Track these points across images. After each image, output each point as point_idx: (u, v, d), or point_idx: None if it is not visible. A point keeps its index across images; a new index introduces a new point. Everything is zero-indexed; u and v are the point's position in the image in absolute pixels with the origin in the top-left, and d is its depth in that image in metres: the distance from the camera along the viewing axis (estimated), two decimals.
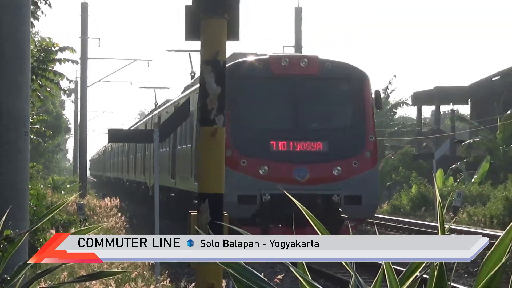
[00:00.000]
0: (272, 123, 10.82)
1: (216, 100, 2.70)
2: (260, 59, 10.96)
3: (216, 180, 2.79)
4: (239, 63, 10.79)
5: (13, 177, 3.33)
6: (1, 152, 3.27)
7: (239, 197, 9.47)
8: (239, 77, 10.30)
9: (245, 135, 10.33)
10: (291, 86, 10.57)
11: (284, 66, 10.46)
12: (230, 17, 2.70)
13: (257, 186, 9.84)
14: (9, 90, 3.06)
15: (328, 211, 9.79)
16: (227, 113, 10.99)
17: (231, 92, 9.65)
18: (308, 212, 1.46)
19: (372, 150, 10.66)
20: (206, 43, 2.71)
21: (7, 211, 2.61)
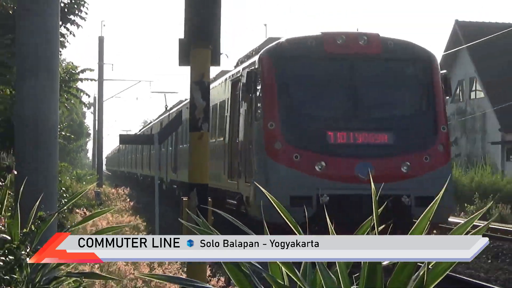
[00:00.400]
0: (328, 111, 9.05)
1: (202, 111, 3.45)
2: (311, 36, 9.24)
3: (202, 173, 3.52)
4: (287, 42, 9.26)
5: (45, 171, 4.17)
6: (37, 153, 4.13)
7: (291, 199, 7.93)
8: (287, 59, 9.00)
9: (298, 125, 8.70)
10: (348, 67, 9.03)
11: (340, 44, 8.89)
12: (213, 48, 3.46)
13: (313, 185, 8.15)
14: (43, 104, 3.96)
15: (398, 215, 7.85)
16: (273, 100, 8.70)
17: (279, 76, 8.74)
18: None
19: (444, 143, 9.01)
20: (194, 68, 3.46)
21: (40, 198, 3.44)
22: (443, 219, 9.38)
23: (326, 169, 8.36)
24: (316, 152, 8.48)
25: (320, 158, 8.36)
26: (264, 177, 8.20)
